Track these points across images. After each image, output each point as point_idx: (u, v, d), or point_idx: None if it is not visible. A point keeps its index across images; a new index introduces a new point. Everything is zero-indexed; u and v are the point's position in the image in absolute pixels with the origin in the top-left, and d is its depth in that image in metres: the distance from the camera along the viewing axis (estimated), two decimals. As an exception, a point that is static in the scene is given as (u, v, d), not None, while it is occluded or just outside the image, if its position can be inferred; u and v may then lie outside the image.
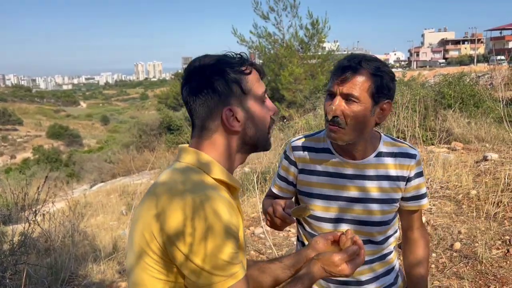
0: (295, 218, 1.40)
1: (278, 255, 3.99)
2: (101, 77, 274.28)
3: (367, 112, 1.33)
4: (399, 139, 1.54)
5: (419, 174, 1.48)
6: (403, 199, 1.49)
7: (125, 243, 1.99)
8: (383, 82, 1.32)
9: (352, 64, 1.31)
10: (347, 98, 1.32)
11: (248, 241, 4.41)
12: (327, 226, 1.49)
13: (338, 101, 1.33)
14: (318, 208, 1.49)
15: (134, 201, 7.12)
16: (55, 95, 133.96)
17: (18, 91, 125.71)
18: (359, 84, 1.30)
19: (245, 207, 5.53)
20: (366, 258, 1.48)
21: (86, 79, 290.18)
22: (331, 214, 1.48)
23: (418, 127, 7.16)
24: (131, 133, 22.77)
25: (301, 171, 1.54)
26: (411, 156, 1.46)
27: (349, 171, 1.46)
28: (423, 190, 1.50)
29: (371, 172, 1.45)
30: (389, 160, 1.46)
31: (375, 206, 1.45)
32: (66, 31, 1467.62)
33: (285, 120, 11.52)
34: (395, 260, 1.59)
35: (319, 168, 1.50)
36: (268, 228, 4.59)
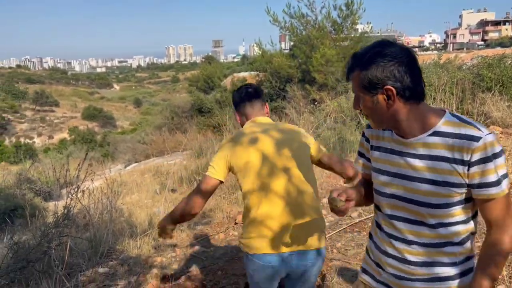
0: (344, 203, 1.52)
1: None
2: (133, 60, 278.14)
3: (370, 104, 1.42)
4: (469, 121, 1.39)
5: (485, 160, 1.32)
6: (470, 186, 1.37)
7: (159, 220, 2.09)
8: (367, 75, 1.37)
9: (348, 66, 1.45)
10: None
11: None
12: (384, 201, 1.55)
13: (354, 97, 1.48)
14: (379, 182, 1.56)
15: (168, 181, 7.30)
16: (89, 78, 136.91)
17: (55, 73, 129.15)
18: (355, 83, 1.43)
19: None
20: (416, 239, 1.47)
21: (119, 62, 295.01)
22: (387, 189, 1.52)
23: (455, 110, 6.99)
24: (163, 115, 23.14)
25: (371, 147, 1.62)
26: (474, 139, 1.32)
27: (400, 148, 1.48)
28: (492, 177, 1.33)
29: (422, 151, 1.41)
30: (446, 140, 1.37)
31: (423, 186, 1.41)
32: (100, 16, 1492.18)
33: (316, 103, 11.43)
34: (460, 255, 1.47)
35: (382, 144, 1.56)
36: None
